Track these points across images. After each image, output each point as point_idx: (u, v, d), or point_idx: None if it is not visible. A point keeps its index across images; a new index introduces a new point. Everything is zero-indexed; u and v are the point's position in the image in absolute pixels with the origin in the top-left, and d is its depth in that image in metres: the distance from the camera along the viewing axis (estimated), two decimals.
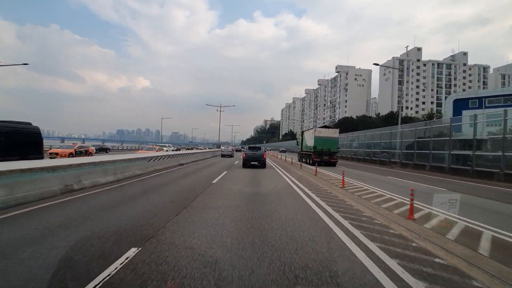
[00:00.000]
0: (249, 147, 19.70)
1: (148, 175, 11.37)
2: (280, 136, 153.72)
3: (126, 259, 3.00)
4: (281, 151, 62.84)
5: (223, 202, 6.36)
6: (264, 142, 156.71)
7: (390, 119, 54.72)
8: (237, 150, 43.48)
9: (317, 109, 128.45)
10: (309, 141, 22.44)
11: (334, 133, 21.43)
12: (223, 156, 31.23)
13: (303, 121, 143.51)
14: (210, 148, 52.92)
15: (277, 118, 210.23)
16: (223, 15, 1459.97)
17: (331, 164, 20.79)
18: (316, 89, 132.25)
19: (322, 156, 20.47)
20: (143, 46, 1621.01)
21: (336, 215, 5.38)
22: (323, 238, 3.94)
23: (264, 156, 16.69)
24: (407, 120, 51.01)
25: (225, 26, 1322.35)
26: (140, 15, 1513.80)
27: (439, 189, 10.07)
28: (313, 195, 7.54)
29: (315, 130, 21.25)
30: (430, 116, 52.14)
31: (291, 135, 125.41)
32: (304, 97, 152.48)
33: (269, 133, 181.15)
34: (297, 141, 30.49)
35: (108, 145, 47.21)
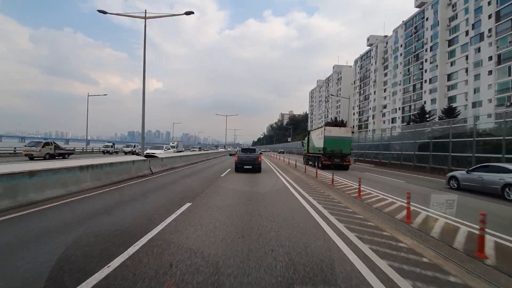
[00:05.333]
0: (242, 149, 17.13)
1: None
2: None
3: None
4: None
5: None
6: (289, 140, 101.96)
7: None
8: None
9: (423, 64, 51.34)
10: (317, 141, 19.93)
11: (346, 132, 18.88)
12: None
13: (367, 99, 72.29)
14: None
15: (296, 112, 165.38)
16: (233, 15, 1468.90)
17: (343, 167, 18.27)
18: (420, 16, 52.67)
19: (333, 158, 17.99)
20: (155, 48, 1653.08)
21: None
22: None
23: (259, 159, 14.74)
24: None
25: (235, 27, 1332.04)
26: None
27: None
28: None
29: (324, 129, 18.76)
30: None
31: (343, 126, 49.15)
32: (367, 53, 73.13)
33: (288, 129, 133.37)
34: (302, 142, 28.05)
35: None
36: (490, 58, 37.55)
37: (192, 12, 15.73)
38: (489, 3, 37.77)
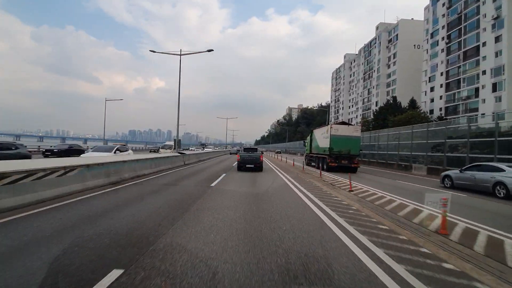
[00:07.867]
0: (244, 148, 17.27)
1: None
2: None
3: None
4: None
5: None
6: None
7: None
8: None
9: None
10: (322, 141, 18.27)
11: (355, 131, 17.23)
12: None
13: (469, 57, 38.45)
14: None
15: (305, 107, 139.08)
16: (235, 13, 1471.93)
17: (351, 170, 16.56)
18: None
19: (340, 159, 16.40)
20: (158, 47, 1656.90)
21: None
22: None
23: (261, 158, 14.82)
24: None
25: (238, 25, 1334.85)
26: (153, 17, 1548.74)
27: None
28: None
29: (330, 127, 17.14)
30: None
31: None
32: None
33: (302, 124, 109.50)
34: (304, 142, 26.31)
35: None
36: None
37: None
38: None
